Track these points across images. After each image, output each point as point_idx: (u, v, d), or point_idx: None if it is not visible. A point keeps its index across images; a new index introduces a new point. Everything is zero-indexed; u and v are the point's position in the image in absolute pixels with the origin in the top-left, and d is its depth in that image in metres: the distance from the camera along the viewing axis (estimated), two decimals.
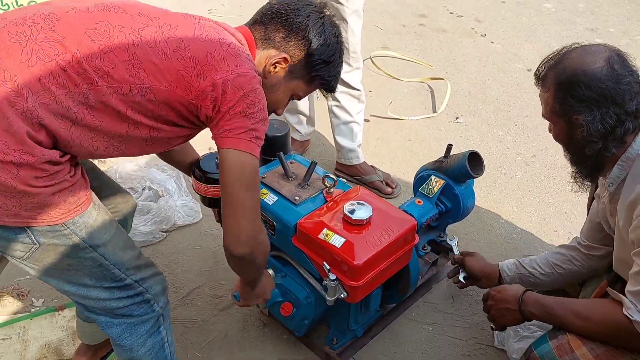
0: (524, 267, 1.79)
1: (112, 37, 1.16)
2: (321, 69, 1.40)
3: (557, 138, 1.45)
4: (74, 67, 1.12)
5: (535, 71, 1.47)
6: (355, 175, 2.61)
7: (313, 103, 2.78)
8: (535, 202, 2.59)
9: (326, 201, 1.66)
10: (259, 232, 1.31)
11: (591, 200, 1.74)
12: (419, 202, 1.95)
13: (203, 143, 2.88)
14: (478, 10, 4.62)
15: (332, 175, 1.66)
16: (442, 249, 2.12)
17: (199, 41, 1.22)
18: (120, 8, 1.21)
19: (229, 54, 1.23)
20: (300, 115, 2.76)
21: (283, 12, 1.36)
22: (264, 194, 1.65)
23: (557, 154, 2.85)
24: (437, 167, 2.00)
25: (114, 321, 1.37)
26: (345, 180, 2.17)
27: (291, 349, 1.84)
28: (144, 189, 2.40)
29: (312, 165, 1.69)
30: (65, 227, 1.19)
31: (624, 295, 1.33)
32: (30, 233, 1.18)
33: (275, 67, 1.36)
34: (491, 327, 1.69)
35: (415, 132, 3.07)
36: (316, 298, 1.65)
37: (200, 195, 1.67)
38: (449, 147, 1.99)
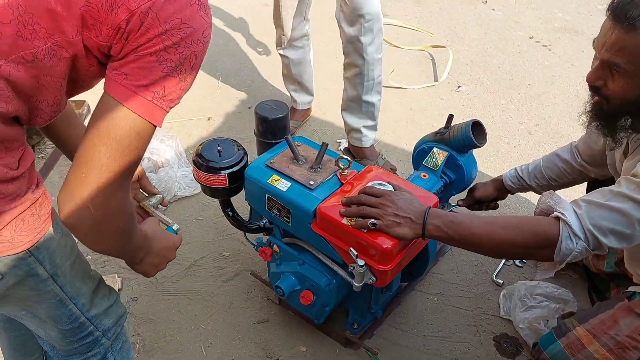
0: (524, 180, 1.86)
1: None
2: None
3: (615, 93, 1.26)
4: None
5: (618, 8, 1.19)
6: (359, 157, 2.52)
7: (312, 72, 2.72)
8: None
9: (342, 183, 1.60)
10: (108, 211, 0.94)
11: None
12: (424, 175, 1.91)
13: (201, 114, 2.81)
14: None
15: (345, 157, 1.61)
16: None
17: None
18: None
19: None
20: (298, 85, 2.70)
21: None
22: (276, 180, 1.59)
23: (560, 122, 2.82)
24: (439, 139, 1.96)
25: (58, 354, 1.23)
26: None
27: (296, 319, 1.83)
28: (143, 159, 2.35)
29: (324, 146, 1.62)
30: (29, 254, 0.99)
31: None
32: None
33: None
34: (372, 222, 1.40)
35: (417, 101, 3.02)
36: (337, 284, 1.61)
37: (201, 184, 1.61)
38: (450, 117, 1.94)
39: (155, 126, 0.93)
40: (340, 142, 2.71)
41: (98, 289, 1.19)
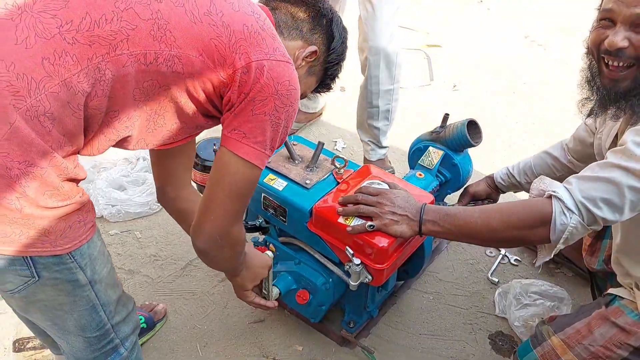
0: (514, 177, 1.87)
1: None
2: (334, 66, 1.29)
3: None
4: (84, 36, 0.89)
5: None
6: None
7: None
8: None
9: (338, 182, 1.60)
10: (228, 239, 1.16)
11: None
12: (420, 174, 1.91)
13: None
14: None
15: (341, 156, 1.61)
16: None
17: (232, 10, 1.01)
18: None
19: (267, 34, 1.03)
20: None
21: (308, 0, 1.22)
22: (272, 180, 1.59)
23: (556, 121, 2.82)
24: (434, 138, 1.96)
25: None
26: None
27: (292, 319, 1.83)
28: (138, 159, 2.35)
29: (320, 145, 1.62)
30: (72, 259, 1.01)
31: None
32: (31, 264, 0.98)
33: (303, 62, 1.21)
34: (370, 225, 1.40)
35: (413, 100, 3.03)
36: (334, 283, 1.61)
37: (197, 184, 1.60)
38: (446, 116, 1.95)
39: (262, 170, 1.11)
40: (336, 142, 2.71)
41: (122, 296, 1.22)
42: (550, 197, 1.23)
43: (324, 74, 1.30)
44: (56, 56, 0.88)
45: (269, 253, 1.49)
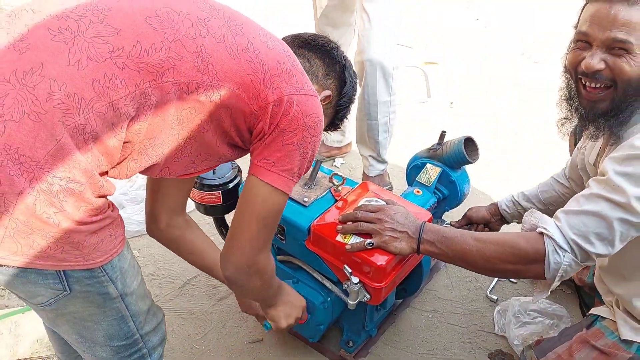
0: (520, 205, 1.82)
1: (177, 24, 0.98)
2: (344, 109, 1.37)
3: (622, 72, 1.19)
4: (134, 63, 0.94)
5: None
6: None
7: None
8: (535, 184, 2.57)
9: (336, 200, 1.60)
10: (257, 266, 1.19)
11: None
12: (418, 191, 1.92)
13: None
14: None
15: (339, 173, 1.62)
16: None
17: (267, 47, 1.07)
18: None
19: (297, 70, 1.11)
20: None
21: (323, 48, 1.30)
22: None
23: (550, 136, 2.82)
24: (432, 155, 1.97)
25: None
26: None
27: (290, 338, 1.82)
28: (137, 176, 2.35)
29: (318, 164, 1.63)
30: (104, 273, 1.03)
31: None
32: (63, 278, 0.99)
33: None
34: (369, 243, 1.41)
35: (410, 117, 3.04)
36: (332, 302, 1.60)
37: (195, 202, 1.61)
38: (443, 133, 1.96)
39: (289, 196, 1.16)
40: (334, 159, 2.72)
41: (152, 306, 1.23)
42: (541, 234, 1.23)
43: (335, 116, 1.38)
44: (106, 79, 0.92)
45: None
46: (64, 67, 0.90)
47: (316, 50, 1.30)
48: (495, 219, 1.89)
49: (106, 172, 1.03)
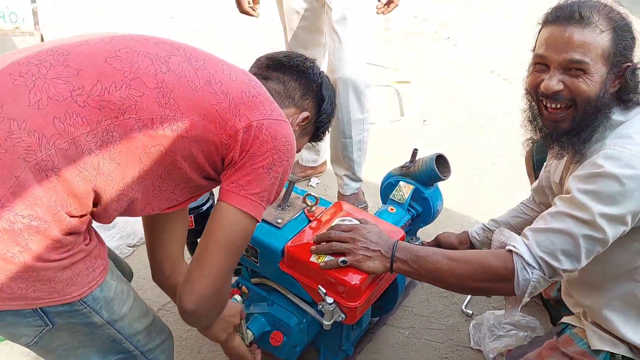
0: (490, 231, 1.83)
1: (137, 62, 1.00)
2: (325, 124, 1.39)
3: (580, 91, 1.22)
4: (94, 101, 0.95)
5: (566, 9, 1.24)
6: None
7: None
8: (506, 200, 2.61)
9: (309, 221, 1.60)
10: (219, 296, 1.16)
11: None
12: (392, 209, 1.94)
13: None
14: (442, 14, 4.68)
15: (312, 194, 1.63)
16: None
17: (230, 80, 1.09)
18: (139, 37, 1.08)
19: (263, 98, 1.12)
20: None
21: (298, 68, 1.31)
22: None
23: (523, 152, 2.89)
24: (405, 173, 2.00)
25: None
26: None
27: None
28: None
29: (291, 184, 1.63)
30: (84, 305, 1.01)
31: None
32: (42, 315, 0.98)
33: (297, 127, 1.29)
34: (342, 260, 1.41)
35: (384, 135, 3.08)
36: (308, 323, 1.59)
37: None
38: (415, 151, 1.99)
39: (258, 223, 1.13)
40: (310, 179, 2.73)
41: (154, 323, 1.20)
42: (510, 251, 1.25)
43: (316, 132, 1.40)
44: (67, 116, 0.92)
45: (237, 297, 1.47)
46: (24, 107, 0.91)
47: (291, 72, 1.31)
48: (463, 247, 1.90)
49: (84, 217, 1.01)
